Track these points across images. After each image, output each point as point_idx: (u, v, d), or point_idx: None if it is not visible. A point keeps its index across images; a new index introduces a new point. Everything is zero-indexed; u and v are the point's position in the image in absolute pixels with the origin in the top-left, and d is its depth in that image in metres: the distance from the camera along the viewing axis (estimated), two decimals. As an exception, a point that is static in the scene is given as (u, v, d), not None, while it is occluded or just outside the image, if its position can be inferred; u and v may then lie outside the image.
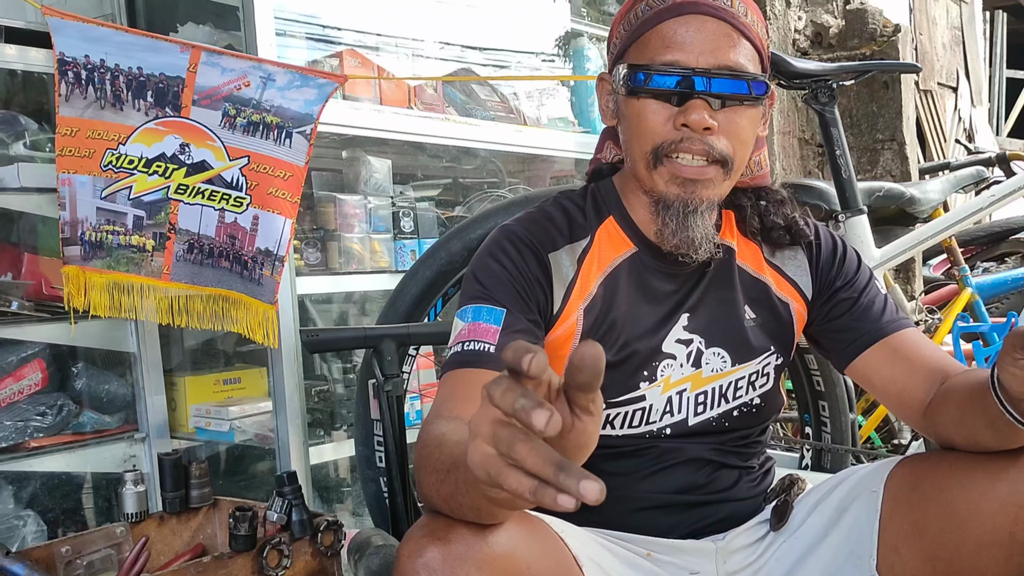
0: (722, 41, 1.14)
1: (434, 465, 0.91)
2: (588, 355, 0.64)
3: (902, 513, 1.12)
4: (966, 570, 1.07)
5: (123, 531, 1.55)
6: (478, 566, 0.90)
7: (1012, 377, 0.93)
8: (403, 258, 2.47)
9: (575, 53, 3.11)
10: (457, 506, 0.89)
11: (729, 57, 1.14)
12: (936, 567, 1.09)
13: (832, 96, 2.12)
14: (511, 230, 1.23)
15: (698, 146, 1.14)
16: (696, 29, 1.14)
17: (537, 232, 1.22)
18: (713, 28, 1.14)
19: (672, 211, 1.17)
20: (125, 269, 1.87)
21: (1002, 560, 1.05)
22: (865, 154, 3.90)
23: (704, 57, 1.13)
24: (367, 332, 1.67)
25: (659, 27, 1.15)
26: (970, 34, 6.53)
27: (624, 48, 1.20)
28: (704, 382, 1.24)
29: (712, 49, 1.13)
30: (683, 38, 1.14)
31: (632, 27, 1.19)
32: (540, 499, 0.62)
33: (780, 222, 1.29)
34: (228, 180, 1.89)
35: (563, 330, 1.21)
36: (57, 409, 2.00)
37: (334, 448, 2.33)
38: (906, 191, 2.50)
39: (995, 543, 1.04)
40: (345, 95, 2.29)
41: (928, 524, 1.10)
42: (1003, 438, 1.04)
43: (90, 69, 1.80)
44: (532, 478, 0.63)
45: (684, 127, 1.14)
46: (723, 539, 1.24)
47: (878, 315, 1.26)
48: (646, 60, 1.15)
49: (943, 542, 1.08)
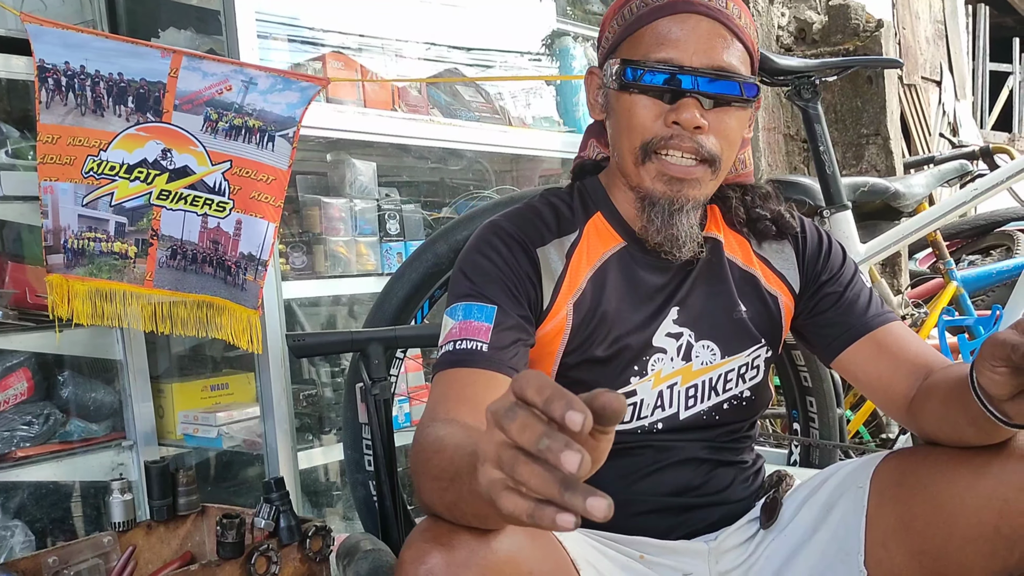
0: (716, 41, 1.14)
1: (434, 472, 0.90)
2: (610, 407, 0.62)
3: (888, 508, 1.12)
4: (952, 564, 1.08)
5: (110, 540, 1.54)
6: (481, 573, 0.89)
7: (990, 381, 0.93)
8: (389, 261, 2.47)
9: (560, 52, 3.11)
10: (461, 515, 0.88)
11: (722, 58, 1.14)
12: (923, 562, 1.10)
13: (815, 92, 2.12)
14: (499, 226, 1.22)
15: (688, 144, 1.14)
16: (691, 28, 1.14)
17: (525, 227, 1.22)
18: (707, 28, 1.14)
19: (657, 208, 1.18)
20: (107, 276, 1.86)
21: (987, 554, 1.05)
22: (850, 149, 3.91)
23: (698, 56, 1.13)
24: (353, 336, 1.67)
25: (654, 24, 1.15)
26: (953, 28, 6.56)
27: (617, 43, 1.20)
28: (694, 375, 1.24)
29: (706, 49, 1.14)
30: (677, 36, 1.14)
31: (626, 22, 1.19)
32: (538, 521, 0.61)
33: (765, 214, 1.29)
34: (211, 185, 1.89)
35: (553, 325, 1.20)
36: (44, 418, 1.99)
37: (323, 452, 2.33)
38: (891, 186, 2.50)
39: (980, 537, 1.04)
40: (329, 98, 2.29)
41: (914, 519, 1.10)
42: (985, 434, 1.05)
43: (70, 76, 1.79)
44: (529, 500, 0.62)
45: (675, 124, 1.14)
46: (715, 539, 1.24)
47: (863, 310, 1.27)
48: (639, 56, 1.16)
49: (929, 536, 1.08)
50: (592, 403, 0.63)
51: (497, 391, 1.10)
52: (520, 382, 0.64)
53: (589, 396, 0.63)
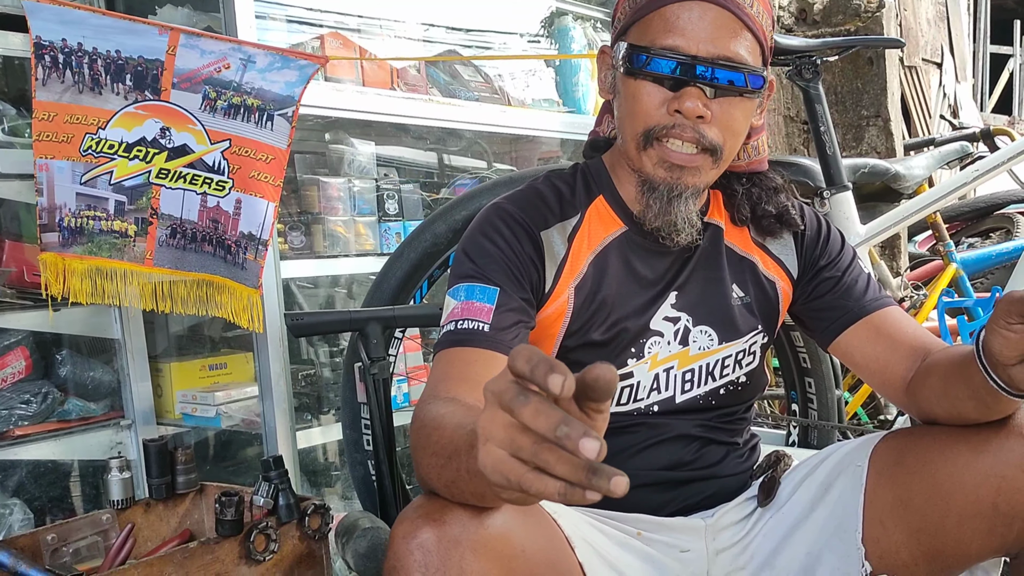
0: (724, 31, 1.13)
1: (433, 448, 0.91)
2: (603, 379, 0.63)
3: (886, 487, 1.13)
4: (950, 542, 1.08)
5: (109, 518, 1.54)
6: (472, 548, 0.90)
7: (1003, 341, 0.93)
8: (388, 240, 2.46)
9: (559, 32, 3.09)
10: (459, 492, 0.89)
11: (729, 47, 1.13)
12: (920, 539, 1.10)
13: (816, 72, 2.11)
14: (503, 208, 1.22)
15: (689, 133, 1.14)
16: (699, 16, 1.12)
17: (529, 210, 1.22)
18: (716, 16, 1.13)
19: (657, 194, 1.18)
20: (107, 255, 1.85)
21: (985, 531, 1.06)
22: (850, 131, 3.90)
23: (704, 45, 1.12)
24: (352, 315, 1.67)
25: (663, 10, 1.14)
26: (954, 9, 6.53)
27: (627, 25, 1.19)
28: (691, 360, 1.25)
29: (713, 38, 1.12)
30: (685, 23, 1.12)
31: (636, 5, 1.18)
32: (570, 499, 0.62)
33: (771, 210, 1.29)
34: (210, 164, 1.88)
35: (554, 308, 1.21)
36: (42, 397, 1.99)
37: (322, 432, 2.33)
38: (891, 167, 2.50)
39: (978, 514, 1.05)
40: (327, 77, 2.28)
41: (912, 497, 1.11)
42: (985, 408, 1.05)
43: (67, 53, 1.77)
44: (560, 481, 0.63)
45: (677, 113, 1.14)
46: (712, 516, 1.25)
47: (861, 294, 1.28)
48: (646, 42, 1.15)
49: (927, 514, 1.09)
50: (585, 376, 0.63)
51: (497, 371, 1.10)
52: (512, 356, 0.64)
53: (582, 371, 0.63)
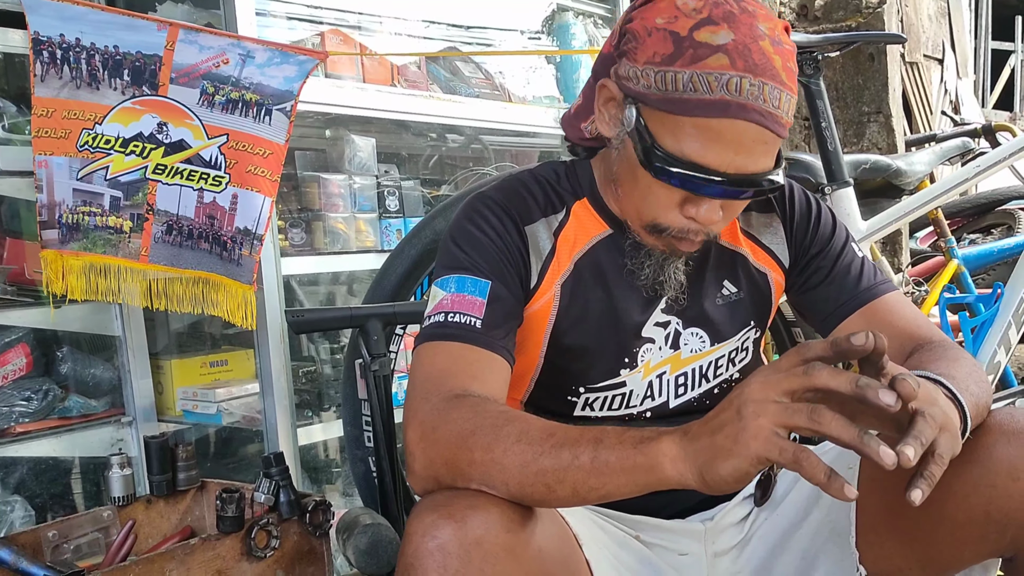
0: (758, 149, 1.04)
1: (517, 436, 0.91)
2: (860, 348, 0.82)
3: (877, 495, 1.10)
4: (944, 548, 1.06)
5: (110, 515, 1.54)
6: (494, 551, 0.87)
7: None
8: (389, 237, 2.46)
9: (560, 29, 3.08)
10: (554, 480, 0.89)
11: (759, 164, 1.05)
12: (914, 547, 1.08)
13: (817, 68, 2.11)
14: (489, 197, 1.19)
15: (700, 237, 1.11)
16: (738, 134, 1.02)
17: (515, 201, 1.19)
18: (754, 135, 1.03)
19: (653, 259, 1.16)
20: (102, 251, 1.85)
21: (978, 538, 1.03)
22: (851, 127, 3.89)
23: (735, 163, 1.03)
24: (353, 312, 1.66)
25: (701, 120, 1.02)
26: (955, 5, 6.52)
27: (653, 99, 1.05)
28: (683, 363, 1.22)
29: (745, 157, 1.04)
30: (719, 142, 1.02)
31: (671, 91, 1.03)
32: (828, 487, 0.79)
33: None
34: (207, 159, 1.87)
35: (540, 304, 1.18)
36: (43, 394, 1.98)
37: (323, 429, 2.33)
38: (892, 163, 2.49)
39: (971, 522, 1.02)
40: (328, 73, 2.27)
41: (903, 505, 1.09)
42: None
43: (65, 48, 1.77)
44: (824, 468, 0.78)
45: (691, 218, 1.09)
46: (711, 519, 1.23)
47: (854, 282, 1.24)
48: (675, 148, 1.04)
49: (919, 522, 1.06)
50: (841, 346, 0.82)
51: (495, 372, 1.09)
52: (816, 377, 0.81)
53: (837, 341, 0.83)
